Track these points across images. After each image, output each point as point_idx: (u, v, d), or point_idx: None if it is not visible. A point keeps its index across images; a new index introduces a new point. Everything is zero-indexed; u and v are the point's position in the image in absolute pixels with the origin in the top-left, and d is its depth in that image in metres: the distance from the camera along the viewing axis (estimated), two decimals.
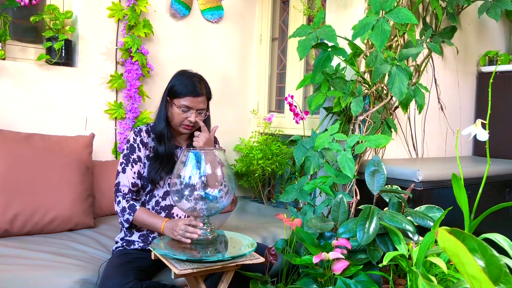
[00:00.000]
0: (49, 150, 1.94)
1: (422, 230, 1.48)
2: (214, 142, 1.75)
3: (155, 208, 1.64)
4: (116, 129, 2.42)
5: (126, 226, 1.57)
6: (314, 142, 1.83)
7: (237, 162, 2.86)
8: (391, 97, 1.95)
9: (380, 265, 1.33)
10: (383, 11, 1.63)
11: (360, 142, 1.68)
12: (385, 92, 1.97)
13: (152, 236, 1.62)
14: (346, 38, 1.90)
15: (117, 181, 1.60)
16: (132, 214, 1.54)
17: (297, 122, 2.11)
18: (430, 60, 2.35)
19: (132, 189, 1.60)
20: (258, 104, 3.07)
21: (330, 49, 1.67)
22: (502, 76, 2.57)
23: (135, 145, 1.64)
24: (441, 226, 1.03)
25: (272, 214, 2.34)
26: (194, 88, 1.61)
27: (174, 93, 1.62)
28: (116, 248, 1.63)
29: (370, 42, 2.02)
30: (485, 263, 0.58)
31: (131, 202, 1.56)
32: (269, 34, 3.03)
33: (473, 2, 2.32)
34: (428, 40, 2.16)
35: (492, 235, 1.22)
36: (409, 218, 1.49)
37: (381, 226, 1.42)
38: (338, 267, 1.38)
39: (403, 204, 1.57)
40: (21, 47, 2.22)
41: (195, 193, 1.40)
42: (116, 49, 2.39)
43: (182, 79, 1.63)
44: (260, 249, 1.52)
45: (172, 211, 1.66)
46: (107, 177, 2.16)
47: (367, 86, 1.91)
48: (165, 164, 1.63)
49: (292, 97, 2.11)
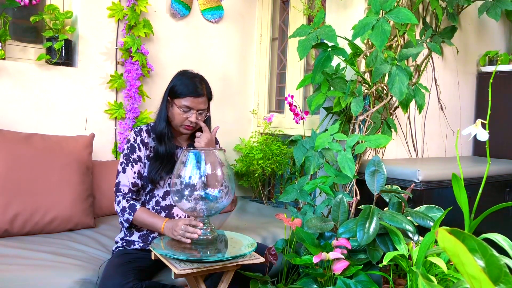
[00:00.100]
0: (49, 150, 1.94)
1: (422, 230, 1.48)
2: (215, 143, 1.75)
3: (155, 208, 1.64)
4: (116, 129, 2.42)
5: (126, 226, 1.57)
6: (314, 142, 1.83)
7: (237, 162, 2.86)
8: (391, 97, 1.95)
9: (380, 265, 1.33)
10: (383, 11, 1.63)
11: (360, 142, 1.68)
12: (385, 92, 1.97)
13: (152, 236, 1.62)
14: (346, 38, 1.90)
15: (117, 180, 1.60)
16: (132, 214, 1.54)
17: (297, 122, 2.11)
18: (430, 60, 2.35)
19: (132, 189, 1.60)
20: (258, 104, 3.07)
21: (330, 49, 1.67)
22: (502, 76, 2.57)
23: (136, 145, 1.64)
24: (441, 226, 1.03)
25: (272, 214, 2.34)
26: (195, 88, 1.61)
27: (175, 93, 1.62)
28: (116, 248, 1.63)
29: (370, 42, 2.02)
30: (485, 263, 0.58)
31: (131, 202, 1.56)
32: (269, 34, 3.03)
33: (473, 2, 2.32)
34: (428, 40, 2.16)
35: (492, 235, 1.22)
36: (409, 218, 1.49)
37: (381, 226, 1.42)
38: (338, 267, 1.38)
39: (403, 204, 1.57)
40: (21, 47, 2.22)
41: (195, 193, 1.40)
42: (116, 49, 2.39)
43: (183, 80, 1.63)
44: (260, 249, 1.52)
45: (172, 211, 1.66)
46: (107, 177, 2.16)
47: (367, 86, 1.91)
48: (165, 164, 1.63)
49: (292, 97, 2.11)
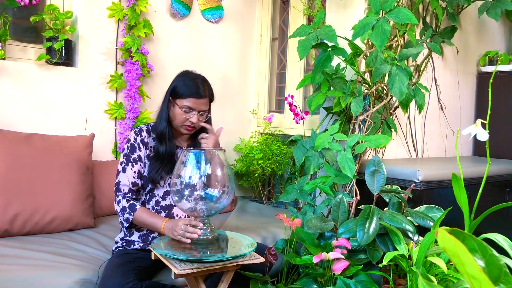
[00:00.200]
0: (49, 150, 1.94)
1: (422, 230, 1.48)
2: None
3: (155, 208, 1.64)
4: (116, 129, 2.42)
5: (126, 225, 1.57)
6: (314, 142, 1.83)
7: (237, 162, 2.86)
8: (391, 97, 1.95)
9: (380, 265, 1.33)
10: (383, 11, 1.63)
11: (360, 142, 1.68)
12: (385, 92, 1.97)
13: (152, 236, 1.62)
14: (346, 38, 1.90)
15: (117, 180, 1.60)
16: (132, 213, 1.54)
17: (297, 122, 2.11)
18: (430, 60, 2.35)
19: (132, 188, 1.60)
20: (258, 104, 3.07)
21: (330, 49, 1.67)
22: (502, 76, 2.57)
23: (136, 144, 1.64)
24: (441, 226, 1.03)
25: (272, 214, 2.34)
26: (197, 89, 1.61)
27: (177, 93, 1.62)
28: (116, 248, 1.63)
29: (370, 42, 2.02)
30: (485, 263, 0.58)
31: (131, 201, 1.56)
32: (269, 34, 3.03)
33: (473, 2, 2.32)
34: (428, 40, 2.15)
35: (492, 235, 1.22)
36: (409, 218, 1.49)
37: (381, 226, 1.42)
38: (338, 267, 1.38)
39: (403, 204, 1.57)
40: (21, 47, 2.22)
41: (195, 193, 1.40)
42: (116, 49, 2.39)
43: (185, 80, 1.63)
44: (260, 249, 1.52)
45: (172, 211, 1.66)
46: (107, 177, 2.16)
47: (367, 86, 1.91)
48: (165, 164, 1.63)
49: (292, 97, 2.11)
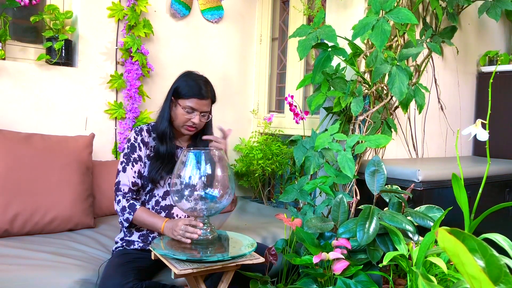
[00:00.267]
0: (49, 150, 1.94)
1: (422, 230, 1.48)
2: None
3: (155, 207, 1.64)
4: (116, 129, 2.42)
5: (126, 225, 1.57)
6: (314, 142, 1.83)
7: (237, 162, 2.86)
8: (391, 97, 1.95)
9: (380, 265, 1.33)
10: (383, 11, 1.63)
11: (360, 142, 1.68)
12: (385, 92, 1.97)
13: (152, 236, 1.62)
14: (346, 38, 1.90)
15: (117, 180, 1.60)
16: (132, 213, 1.54)
17: (297, 122, 2.11)
18: (430, 60, 2.35)
19: (132, 188, 1.60)
20: (258, 104, 3.07)
21: (330, 49, 1.67)
22: (502, 76, 2.57)
23: (136, 144, 1.64)
24: (441, 226, 1.03)
25: (272, 214, 2.34)
26: (200, 90, 1.61)
27: (179, 93, 1.62)
28: (116, 248, 1.63)
29: (370, 42, 2.02)
30: (485, 263, 0.58)
31: (131, 201, 1.56)
32: (269, 34, 3.03)
33: (473, 2, 2.32)
34: (428, 40, 2.15)
35: (492, 235, 1.22)
36: (409, 218, 1.49)
37: (381, 226, 1.42)
38: (338, 267, 1.38)
39: (403, 204, 1.57)
40: (21, 47, 2.22)
41: (195, 193, 1.40)
42: (116, 49, 2.39)
43: (188, 81, 1.63)
44: (260, 249, 1.52)
45: (172, 211, 1.66)
46: (107, 177, 2.16)
47: (367, 86, 1.91)
48: (166, 163, 1.63)
49: (292, 97, 2.11)
